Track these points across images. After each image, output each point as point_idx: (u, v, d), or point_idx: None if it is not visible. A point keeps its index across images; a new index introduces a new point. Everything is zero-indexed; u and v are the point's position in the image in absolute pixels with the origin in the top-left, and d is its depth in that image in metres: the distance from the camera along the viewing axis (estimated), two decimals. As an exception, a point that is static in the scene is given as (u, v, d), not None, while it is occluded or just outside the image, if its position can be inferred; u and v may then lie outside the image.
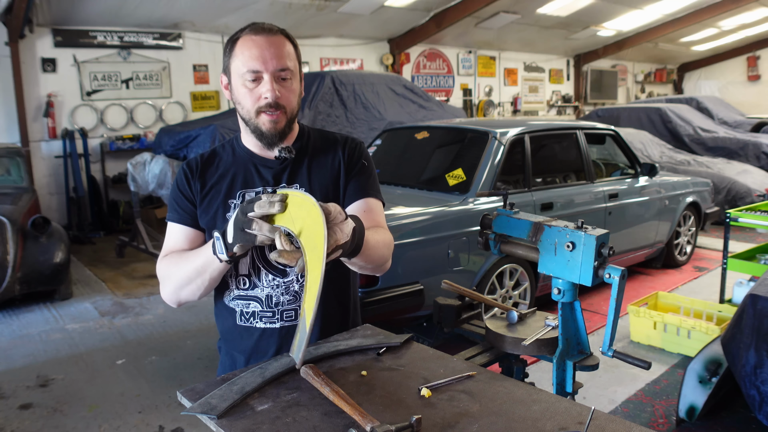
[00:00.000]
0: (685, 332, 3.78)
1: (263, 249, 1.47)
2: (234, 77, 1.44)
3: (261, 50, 1.40)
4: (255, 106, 1.43)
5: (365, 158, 1.59)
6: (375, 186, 1.58)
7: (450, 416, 1.16)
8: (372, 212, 1.52)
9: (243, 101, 1.44)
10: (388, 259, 1.50)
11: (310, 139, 1.59)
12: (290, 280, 1.49)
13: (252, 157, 1.54)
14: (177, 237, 1.54)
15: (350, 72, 7.13)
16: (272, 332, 1.51)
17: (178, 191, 1.55)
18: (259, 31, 1.42)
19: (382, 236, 1.45)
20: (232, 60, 1.44)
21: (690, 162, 7.99)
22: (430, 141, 4.49)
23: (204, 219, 1.52)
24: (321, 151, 1.57)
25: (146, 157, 6.17)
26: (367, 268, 1.43)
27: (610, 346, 1.61)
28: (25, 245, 4.81)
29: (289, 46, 1.46)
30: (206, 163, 1.56)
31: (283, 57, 1.42)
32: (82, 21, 7.67)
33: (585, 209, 4.44)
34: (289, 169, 1.52)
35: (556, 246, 1.63)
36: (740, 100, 15.33)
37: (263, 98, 1.42)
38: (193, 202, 1.53)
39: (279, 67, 1.41)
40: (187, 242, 1.53)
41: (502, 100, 13.61)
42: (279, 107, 1.43)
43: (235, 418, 1.16)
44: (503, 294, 3.93)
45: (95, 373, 3.72)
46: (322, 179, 1.53)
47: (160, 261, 1.53)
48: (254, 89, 1.42)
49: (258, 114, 1.44)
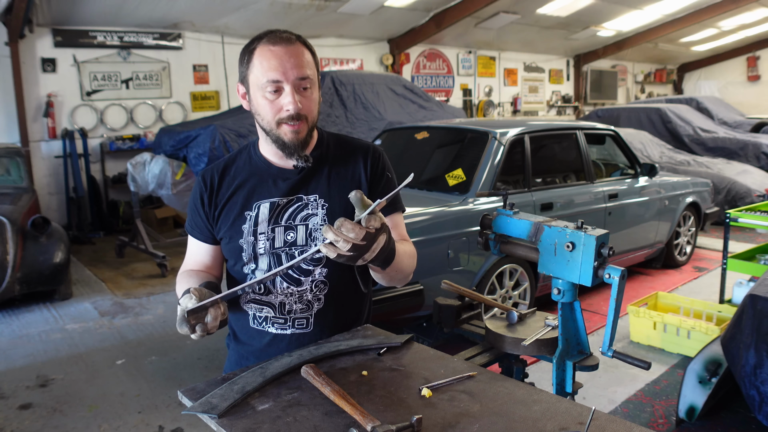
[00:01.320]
0: (685, 332, 3.78)
1: (280, 258, 1.49)
2: (253, 88, 1.42)
3: (281, 60, 1.38)
4: (276, 117, 1.41)
5: (388, 169, 1.59)
6: (398, 198, 1.58)
7: (450, 416, 1.16)
8: (398, 227, 1.55)
9: (263, 112, 1.42)
10: (413, 269, 1.52)
11: (330, 147, 1.57)
12: (304, 290, 1.49)
13: (269, 167, 1.53)
14: (195, 251, 1.59)
15: (350, 72, 7.13)
16: (283, 338, 1.51)
17: (193, 206, 1.56)
18: (278, 40, 1.39)
19: (410, 249, 1.50)
20: (250, 70, 1.41)
21: (690, 162, 7.99)
22: (430, 141, 4.49)
23: (222, 230, 1.53)
24: (341, 160, 1.55)
25: (146, 157, 6.17)
26: (395, 279, 1.45)
27: (609, 346, 1.61)
28: (24, 245, 4.81)
29: (308, 54, 1.44)
30: (222, 175, 1.55)
31: (303, 66, 1.40)
32: (82, 21, 7.66)
33: (585, 209, 4.45)
34: (308, 179, 1.51)
35: (556, 246, 1.63)
36: (740, 100, 15.33)
37: (285, 110, 1.40)
38: (205, 219, 1.54)
39: (299, 76, 1.39)
40: (203, 257, 1.58)
41: (502, 101, 13.61)
42: (300, 117, 1.41)
43: (235, 417, 1.16)
44: (503, 294, 3.93)
45: (95, 373, 3.72)
46: (342, 190, 1.51)
47: (180, 272, 1.57)
48: (275, 100, 1.40)
49: (279, 125, 1.42)
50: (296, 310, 1.50)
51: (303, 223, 1.49)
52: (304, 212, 1.49)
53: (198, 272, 1.54)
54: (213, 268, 1.59)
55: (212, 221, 1.54)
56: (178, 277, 1.55)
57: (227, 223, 1.51)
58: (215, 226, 1.54)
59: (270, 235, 1.48)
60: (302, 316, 1.50)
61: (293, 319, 1.50)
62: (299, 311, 1.50)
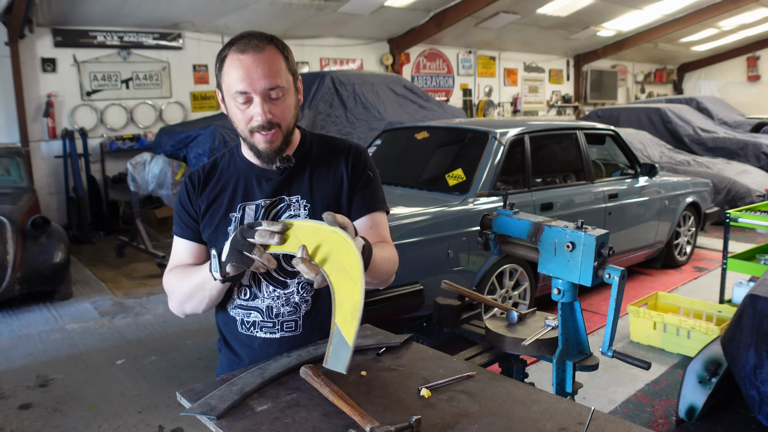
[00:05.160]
0: (685, 332, 3.78)
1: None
2: (226, 95, 1.41)
3: (247, 71, 1.34)
4: (248, 126, 1.40)
5: (370, 168, 1.57)
6: (380, 197, 1.57)
7: (450, 416, 1.16)
8: (378, 227, 1.53)
9: (236, 120, 1.42)
10: (393, 274, 1.50)
11: (312, 147, 1.56)
12: (291, 292, 1.48)
13: (252, 169, 1.51)
14: (182, 252, 1.56)
15: (350, 72, 7.13)
16: (272, 342, 1.50)
17: (180, 206, 1.55)
18: (246, 48, 1.35)
19: (388, 253, 1.46)
20: (222, 78, 1.39)
21: (690, 162, 7.99)
22: (430, 141, 4.49)
23: (206, 232, 1.52)
24: (323, 160, 1.54)
25: (146, 157, 6.17)
26: (371, 284, 1.43)
27: (609, 346, 1.61)
28: (24, 245, 4.81)
29: (280, 59, 1.38)
30: (208, 176, 1.54)
31: (272, 75, 1.35)
32: (82, 21, 7.66)
33: (585, 209, 4.44)
34: (290, 180, 1.50)
35: (556, 246, 1.63)
36: (740, 100, 15.34)
37: (255, 120, 1.38)
38: (195, 218, 1.53)
39: (268, 87, 1.35)
40: (192, 257, 1.55)
41: (502, 101, 13.61)
42: (273, 125, 1.39)
43: (234, 418, 1.16)
44: (503, 294, 3.93)
45: (95, 373, 3.72)
46: (324, 191, 1.50)
47: (166, 274, 1.56)
48: (245, 110, 1.38)
49: (252, 133, 1.40)
50: (284, 313, 1.49)
51: None
52: (287, 213, 1.48)
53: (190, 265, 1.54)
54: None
55: (200, 222, 1.53)
56: (171, 274, 1.53)
57: (211, 226, 1.50)
58: (200, 226, 1.54)
59: None
60: (290, 318, 1.49)
61: (282, 323, 1.49)
62: (287, 314, 1.49)
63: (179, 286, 1.48)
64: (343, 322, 1.17)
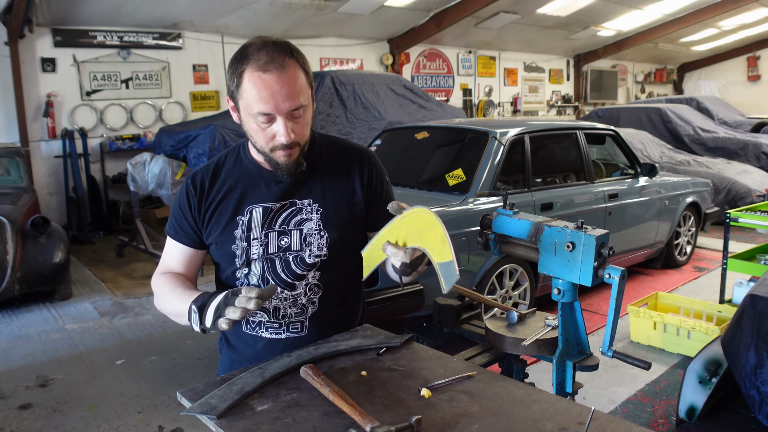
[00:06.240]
0: (685, 332, 3.78)
1: (274, 263, 1.47)
2: (243, 111, 1.36)
3: (272, 92, 1.29)
4: (269, 144, 1.37)
5: (385, 173, 1.60)
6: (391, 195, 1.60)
7: (450, 417, 1.16)
8: None
9: (255, 137, 1.38)
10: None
11: (323, 151, 1.54)
12: (298, 294, 1.48)
13: (260, 171, 1.49)
14: (173, 255, 1.55)
15: (350, 72, 7.13)
16: (277, 342, 1.50)
17: (179, 209, 1.51)
18: (269, 67, 1.29)
19: None
20: (241, 94, 1.33)
21: (690, 162, 7.99)
22: (430, 141, 4.49)
23: (213, 235, 1.49)
24: (335, 165, 1.53)
25: (146, 157, 6.17)
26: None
27: (610, 346, 1.61)
28: (24, 245, 4.81)
29: (301, 75, 1.34)
30: (213, 179, 1.50)
31: (296, 95, 1.32)
32: (82, 21, 7.66)
33: (585, 209, 4.44)
34: (300, 183, 1.49)
35: (556, 246, 1.63)
36: (740, 100, 15.34)
37: (277, 139, 1.35)
38: (192, 224, 1.50)
39: (292, 108, 1.32)
40: (183, 262, 1.54)
41: (502, 101, 13.61)
42: (293, 145, 1.37)
43: (234, 418, 1.16)
44: (503, 294, 3.93)
45: (95, 373, 3.71)
46: (336, 196, 1.50)
47: (155, 276, 1.54)
48: (267, 129, 1.35)
49: (273, 150, 1.38)
50: (291, 314, 1.49)
51: (297, 228, 1.47)
52: (298, 217, 1.47)
53: (180, 275, 1.51)
54: (191, 274, 1.55)
55: (201, 226, 1.50)
56: (159, 280, 1.51)
57: (218, 229, 1.48)
58: (204, 231, 1.50)
59: (263, 240, 1.46)
60: (297, 320, 1.50)
61: (288, 324, 1.49)
62: (294, 315, 1.49)
63: (164, 299, 1.47)
64: (440, 255, 1.26)
